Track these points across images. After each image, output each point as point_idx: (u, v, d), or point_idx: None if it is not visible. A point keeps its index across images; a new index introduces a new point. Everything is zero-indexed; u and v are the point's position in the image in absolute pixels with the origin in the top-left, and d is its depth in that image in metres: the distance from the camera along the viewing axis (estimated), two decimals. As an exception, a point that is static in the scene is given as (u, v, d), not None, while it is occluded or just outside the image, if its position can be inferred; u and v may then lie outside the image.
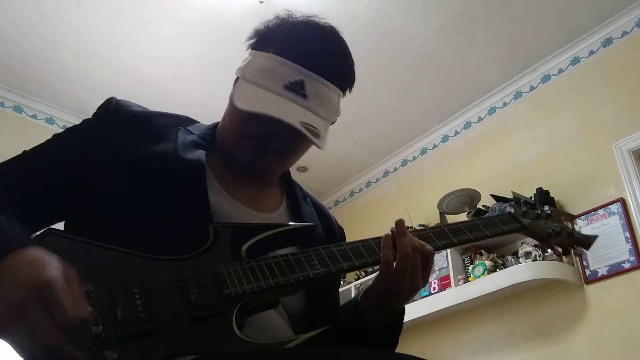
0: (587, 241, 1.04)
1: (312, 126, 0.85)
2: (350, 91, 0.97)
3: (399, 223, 0.85)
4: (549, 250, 2.70)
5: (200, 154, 0.89)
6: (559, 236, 1.01)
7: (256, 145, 0.89)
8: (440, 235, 0.90)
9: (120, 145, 0.84)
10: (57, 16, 2.95)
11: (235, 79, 0.94)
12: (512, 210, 1.01)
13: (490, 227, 0.95)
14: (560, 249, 1.03)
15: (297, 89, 0.86)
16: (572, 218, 0.99)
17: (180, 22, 2.98)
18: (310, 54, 0.89)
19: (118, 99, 0.92)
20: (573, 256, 1.03)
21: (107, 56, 3.20)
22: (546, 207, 1.04)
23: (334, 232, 1.04)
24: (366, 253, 0.83)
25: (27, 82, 3.39)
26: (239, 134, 0.89)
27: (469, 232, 0.92)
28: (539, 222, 1.01)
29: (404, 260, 0.82)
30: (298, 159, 0.98)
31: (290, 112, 0.85)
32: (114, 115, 0.89)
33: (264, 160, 0.91)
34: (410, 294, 0.85)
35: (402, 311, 0.92)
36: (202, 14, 2.92)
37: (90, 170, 0.82)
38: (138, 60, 3.23)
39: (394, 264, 0.82)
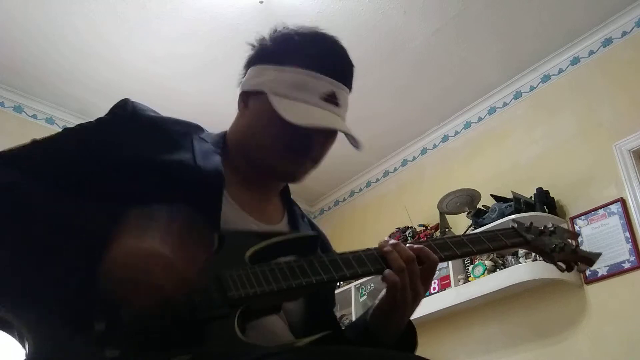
0: (591, 258, 1.04)
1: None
2: None
3: (382, 244, 0.86)
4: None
5: (217, 162, 0.90)
6: (562, 252, 1.01)
7: (298, 156, 0.92)
8: (443, 247, 0.91)
9: (139, 149, 0.84)
10: (58, 15, 2.95)
11: (247, 93, 0.95)
12: (516, 225, 1.02)
13: (493, 241, 0.96)
14: (563, 265, 1.02)
15: (331, 99, 0.92)
16: (576, 236, 1.00)
17: (181, 22, 2.98)
18: (334, 65, 0.94)
19: (134, 101, 0.92)
20: (576, 271, 1.02)
21: (107, 55, 3.20)
22: (550, 224, 1.04)
23: (328, 251, 1.05)
24: (368, 261, 0.83)
25: (28, 81, 3.39)
26: (281, 146, 0.91)
27: (472, 245, 0.93)
28: (543, 237, 1.02)
29: (400, 274, 0.82)
30: None
31: (337, 122, 0.91)
32: (132, 119, 0.89)
33: (302, 169, 0.94)
34: (413, 303, 0.85)
35: (412, 328, 0.93)
36: (202, 13, 2.93)
37: (106, 172, 0.81)
38: (138, 60, 3.23)
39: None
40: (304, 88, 0.90)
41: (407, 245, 0.86)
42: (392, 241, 0.86)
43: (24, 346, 0.65)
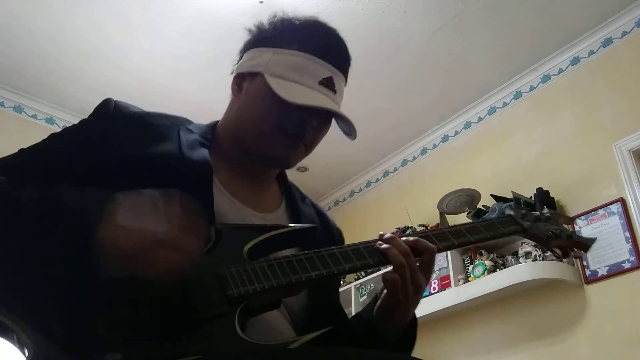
0: (586, 243, 1.04)
1: None
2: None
3: (379, 238, 0.85)
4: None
5: (204, 152, 0.88)
6: (559, 239, 1.00)
7: (290, 140, 0.90)
8: (441, 237, 0.89)
9: (124, 146, 0.83)
10: (58, 15, 2.95)
11: (242, 75, 0.94)
12: (512, 213, 1.01)
13: (490, 229, 0.95)
14: (559, 252, 1.02)
15: (329, 84, 0.90)
16: (570, 220, 1.00)
17: (181, 21, 2.98)
18: (333, 52, 0.93)
19: (116, 100, 0.90)
20: (573, 258, 1.02)
21: (108, 55, 3.20)
22: (545, 210, 1.04)
23: (332, 234, 1.04)
24: (368, 254, 0.82)
25: (28, 81, 3.39)
26: (274, 128, 0.89)
27: (470, 234, 0.92)
28: (539, 224, 1.01)
29: (401, 270, 0.82)
30: None
31: (333, 105, 0.90)
32: (115, 117, 0.87)
33: (295, 154, 0.92)
34: (416, 296, 0.85)
35: (414, 321, 0.92)
36: (202, 13, 2.93)
37: (94, 171, 0.80)
38: (139, 59, 3.23)
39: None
40: (302, 70, 0.89)
41: (403, 239, 0.85)
42: (387, 235, 0.85)
43: (23, 352, 0.65)
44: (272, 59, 0.91)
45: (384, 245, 0.83)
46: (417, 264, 0.84)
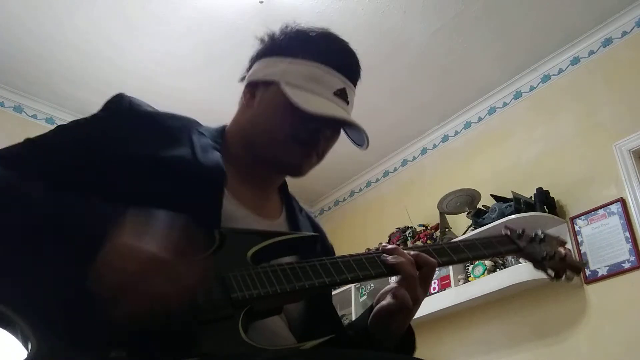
0: (578, 266, 1.09)
1: None
2: None
3: (383, 250, 0.87)
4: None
5: (217, 157, 0.89)
6: (552, 260, 1.05)
7: (305, 148, 0.91)
8: (441, 252, 0.92)
9: (136, 145, 0.82)
10: (58, 15, 2.95)
11: (255, 84, 0.95)
12: (509, 232, 1.06)
13: (488, 248, 0.99)
14: (553, 273, 1.07)
15: (343, 96, 0.93)
16: (563, 243, 1.08)
17: (181, 21, 2.98)
18: (347, 64, 0.96)
19: (129, 96, 0.89)
20: (566, 279, 1.07)
21: (108, 54, 3.20)
22: (539, 231, 1.09)
23: (326, 246, 1.05)
24: (369, 266, 0.84)
25: (28, 81, 3.39)
26: (288, 137, 0.90)
27: (469, 250, 0.96)
28: (534, 245, 1.06)
29: (410, 280, 0.84)
30: None
31: (348, 116, 0.92)
32: (128, 114, 0.87)
33: (308, 162, 0.94)
34: (413, 307, 0.86)
35: (411, 331, 0.94)
36: (202, 13, 2.93)
37: (101, 169, 0.79)
38: (139, 58, 3.23)
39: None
40: (318, 81, 0.91)
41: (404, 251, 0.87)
42: (390, 246, 0.86)
43: (26, 346, 0.65)
44: (288, 69, 0.92)
45: (393, 259, 0.84)
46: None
